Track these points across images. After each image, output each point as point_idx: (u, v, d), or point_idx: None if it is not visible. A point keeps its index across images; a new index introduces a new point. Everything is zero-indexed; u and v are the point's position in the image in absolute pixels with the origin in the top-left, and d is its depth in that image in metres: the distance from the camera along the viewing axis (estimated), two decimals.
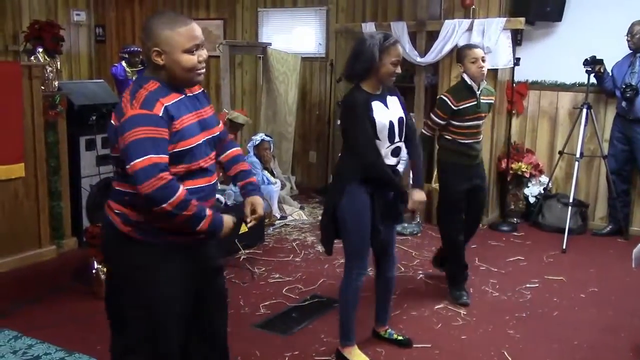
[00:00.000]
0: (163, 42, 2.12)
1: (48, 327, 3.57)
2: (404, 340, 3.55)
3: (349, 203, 3.12)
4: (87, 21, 8.58)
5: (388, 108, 3.16)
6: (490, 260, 5.03)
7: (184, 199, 2.10)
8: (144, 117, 2.07)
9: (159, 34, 2.13)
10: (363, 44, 3.09)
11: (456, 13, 5.91)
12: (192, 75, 2.19)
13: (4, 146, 4.41)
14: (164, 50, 2.13)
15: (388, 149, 3.14)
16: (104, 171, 5.24)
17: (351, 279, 3.24)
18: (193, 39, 2.15)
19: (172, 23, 2.14)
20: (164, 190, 2.06)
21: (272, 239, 5.49)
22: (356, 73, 3.13)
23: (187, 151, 2.17)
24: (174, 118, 2.12)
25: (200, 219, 2.15)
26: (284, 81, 7.01)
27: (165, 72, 2.17)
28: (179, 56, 2.13)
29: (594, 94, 5.80)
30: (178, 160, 2.16)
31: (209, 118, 2.32)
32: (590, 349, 3.55)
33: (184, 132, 2.16)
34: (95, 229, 4.10)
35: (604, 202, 5.94)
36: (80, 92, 5.35)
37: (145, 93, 2.12)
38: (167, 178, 2.07)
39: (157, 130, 2.07)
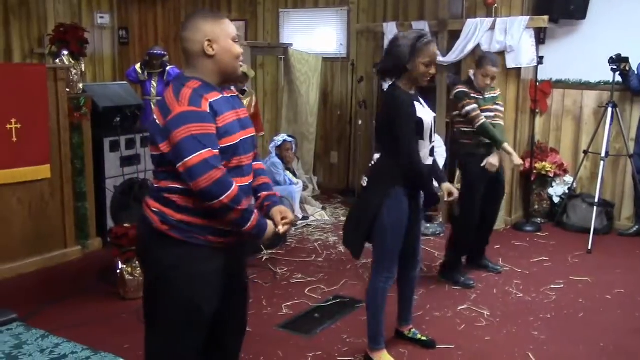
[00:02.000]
0: (212, 32, 2.20)
1: (74, 326, 3.63)
2: (428, 340, 3.53)
3: (393, 207, 3.08)
4: (110, 24, 8.67)
5: (424, 107, 3.16)
6: (514, 260, 4.98)
7: (238, 192, 2.15)
8: (192, 113, 2.11)
9: (208, 26, 2.21)
10: (395, 42, 3.07)
11: (478, 12, 5.87)
12: (237, 65, 2.27)
13: (31, 148, 4.48)
14: (215, 40, 2.20)
15: (427, 148, 3.15)
16: (128, 172, 5.30)
17: (380, 283, 3.21)
18: (234, 28, 2.27)
19: (216, 16, 2.26)
20: (221, 184, 2.11)
21: (294, 240, 5.50)
22: (387, 71, 3.12)
23: (229, 147, 2.20)
24: (217, 114, 2.16)
25: (249, 217, 2.19)
26: (305, 82, 7.01)
27: (213, 63, 2.22)
28: (230, 44, 2.22)
29: (619, 92, 5.72)
30: (223, 156, 2.19)
31: (246, 118, 2.36)
32: (616, 351, 3.50)
33: (228, 128, 2.19)
34: (119, 230, 4.15)
35: (630, 201, 5.85)
36: (104, 94, 5.41)
37: (190, 91, 2.15)
38: (224, 171, 2.12)
39: (207, 126, 2.12)
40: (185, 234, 2.21)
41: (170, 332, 2.31)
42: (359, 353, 3.41)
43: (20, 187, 4.49)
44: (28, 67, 6.07)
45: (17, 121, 4.37)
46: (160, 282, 2.29)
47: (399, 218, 3.11)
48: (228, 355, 2.57)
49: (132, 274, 4.09)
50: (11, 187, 4.44)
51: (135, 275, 4.10)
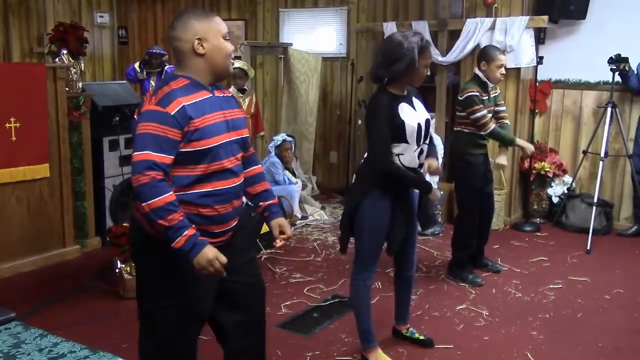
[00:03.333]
0: (204, 30, 2.20)
1: (73, 325, 3.63)
2: (426, 340, 3.53)
3: (370, 207, 3.09)
4: (110, 23, 8.66)
5: (416, 110, 3.11)
6: (513, 260, 4.98)
7: (163, 206, 2.07)
8: (154, 113, 2.11)
9: (198, 24, 2.21)
10: (400, 47, 2.99)
11: (478, 12, 5.87)
12: (228, 63, 2.27)
13: (30, 147, 4.48)
14: (206, 38, 2.20)
15: (415, 152, 3.10)
16: (127, 171, 5.29)
17: (359, 281, 3.24)
18: (224, 27, 2.27)
19: (205, 14, 2.26)
20: (148, 189, 2.07)
21: (293, 239, 5.50)
22: (391, 77, 3.04)
23: (207, 150, 2.17)
24: (192, 117, 2.13)
25: (173, 236, 2.09)
26: (304, 81, 7.01)
27: (204, 61, 2.22)
28: (220, 42, 2.23)
29: (618, 92, 5.72)
30: (197, 159, 2.16)
31: (238, 120, 2.33)
32: (615, 352, 3.50)
33: (205, 131, 2.16)
34: (118, 229, 4.14)
35: (629, 202, 5.85)
36: (103, 93, 5.41)
37: (168, 90, 2.15)
38: (154, 178, 2.07)
39: (163, 129, 2.09)
40: None
41: (163, 334, 2.32)
42: (358, 353, 3.41)
43: (19, 186, 4.49)
44: (27, 66, 6.07)
45: (16, 120, 4.37)
46: (150, 283, 2.31)
47: (377, 219, 3.10)
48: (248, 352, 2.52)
49: (130, 273, 4.09)
50: (10, 186, 4.44)
51: (133, 275, 4.10)
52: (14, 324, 2.53)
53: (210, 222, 2.25)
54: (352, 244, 3.28)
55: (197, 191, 2.20)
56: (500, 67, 4.30)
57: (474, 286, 4.41)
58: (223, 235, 2.30)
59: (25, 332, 2.45)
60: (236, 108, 2.36)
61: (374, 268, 3.26)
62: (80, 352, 2.26)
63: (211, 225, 2.25)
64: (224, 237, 2.31)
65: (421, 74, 3.06)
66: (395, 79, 3.05)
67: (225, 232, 2.31)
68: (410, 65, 2.98)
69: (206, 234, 2.21)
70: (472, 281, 4.45)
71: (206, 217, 2.23)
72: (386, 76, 3.05)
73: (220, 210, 2.25)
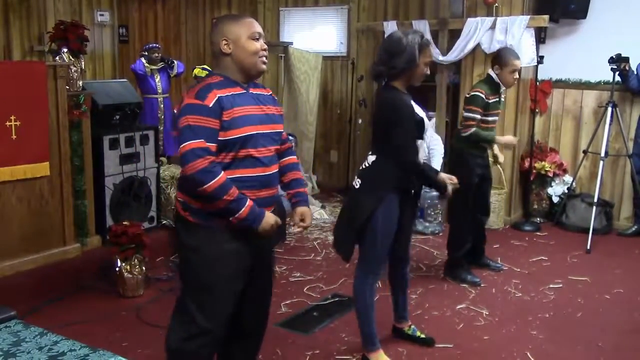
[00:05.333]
0: (230, 32, 2.39)
1: (73, 324, 3.64)
2: (427, 339, 3.53)
3: (385, 212, 3.06)
4: (110, 22, 8.67)
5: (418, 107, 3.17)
6: (513, 260, 4.98)
7: (223, 183, 2.28)
8: (193, 106, 2.30)
9: (226, 27, 2.41)
10: (399, 42, 2.99)
11: (479, 11, 5.87)
12: (257, 60, 2.41)
13: (30, 145, 4.48)
14: (231, 39, 2.39)
15: (423, 148, 3.18)
16: (127, 170, 5.30)
17: (367, 284, 3.21)
18: (255, 27, 2.42)
19: (236, 18, 2.46)
20: (205, 174, 2.27)
21: (293, 238, 5.50)
22: (391, 73, 3.03)
23: (237, 140, 2.33)
24: (225, 108, 2.31)
25: (239, 206, 2.32)
26: (305, 80, 7.01)
27: (231, 60, 2.40)
28: (244, 41, 2.39)
29: (619, 92, 5.72)
30: (228, 148, 2.34)
31: (274, 115, 2.50)
32: (615, 351, 3.50)
33: (236, 122, 2.33)
34: (118, 228, 4.15)
35: (629, 201, 5.86)
36: (104, 91, 5.40)
37: (205, 84, 2.36)
38: (210, 162, 2.27)
39: (205, 119, 2.28)
40: (204, 219, 2.39)
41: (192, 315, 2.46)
42: (358, 352, 3.41)
43: (19, 184, 4.49)
44: (28, 64, 6.07)
45: (16, 118, 4.37)
46: (184, 263, 2.52)
47: (390, 223, 3.11)
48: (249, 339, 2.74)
49: (130, 272, 4.09)
50: (10, 184, 4.44)
51: (134, 273, 4.10)
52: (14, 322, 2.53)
53: None
54: None
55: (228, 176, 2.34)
56: (513, 72, 4.29)
57: (473, 286, 4.41)
58: None
59: (25, 330, 2.45)
60: (273, 105, 2.53)
61: (381, 270, 3.25)
62: (80, 351, 2.26)
63: None
64: None
65: (421, 71, 3.05)
66: (395, 76, 3.04)
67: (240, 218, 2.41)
68: (410, 61, 2.98)
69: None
70: (471, 281, 4.45)
71: None
72: (386, 72, 3.04)
73: (247, 194, 2.37)
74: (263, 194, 2.44)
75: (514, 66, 4.28)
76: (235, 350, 2.73)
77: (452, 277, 4.51)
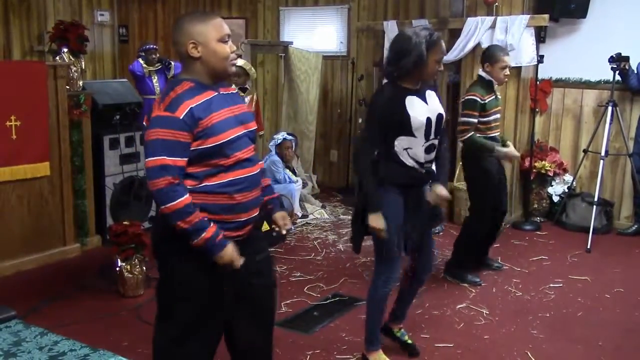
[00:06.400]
0: (198, 34, 2.23)
1: (73, 323, 3.64)
2: (412, 345, 3.42)
3: (386, 206, 3.02)
4: (110, 21, 8.67)
5: (427, 104, 3.05)
6: (514, 259, 4.98)
7: (182, 208, 2.16)
8: (164, 119, 2.17)
9: (192, 28, 2.24)
10: (408, 41, 2.95)
11: (479, 10, 5.87)
12: (227, 65, 2.28)
13: (30, 145, 4.48)
14: (200, 42, 2.23)
15: (423, 146, 3.03)
16: (128, 170, 5.30)
17: (379, 285, 3.15)
18: (224, 29, 2.27)
19: (203, 18, 2.27)
20: (165, 193, 2.16)
21: (294, 238, 5.50)
22: (400, 73, 2.99)
23: (219, 146, 2.23)
24: (200, 118, 2.19)
25: (194, 236, 2.20)
26: (305, 80, 7.01)
27: (201, 64, 2.26)
28: (215, 45, 2.24)
29: (619, 91, 5.72)
30: (211, 155, 2.23)
31: (245, 114, 2.40)
32: (615, 350, 3.50)
33: (215, 128, 2.22)
34: (118, 227, 4.15)
35: (630, 201, 5.85)
36: (104, 91, 5.41)
37: (174, 95, 2.20)
38: (171, 182, 2.16)
39: (174, 134, 2.16)
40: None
41: (178, 328, 2.36)
42: (358, 351, 3.41)
43: (19, 184, 4.49)
44: (28, 64, 6.07)
45: (16, 118, 4.37)
46: (169, 276, 2.37)
47: (392, 219, 3.02)
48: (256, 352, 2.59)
49: (131, 271, 4.10)
50: (10, 184, 4.44)
51: (134, 273, 4.10)
52: (14, 322, 2.54)
53: (233, 212, 2.30)
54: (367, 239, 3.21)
55: (217, 182, 2.26)
56: (504, 68, 4.24)
57: (473, 285, 4.41)
58: (242, 228, 2.36)
59: (25, 330, 2.45)
60: (241, 103, 2.42)
61: (394, 271, 3.13)
62: (81, 351, 2.26)
63: (231, 215, 2.31)
64: (243, 231, 2.36)
65: (432, 68, 2.99)
66: (404, 75, 3.00)
67: (247, 222, 2.37)
68: (418, 60, 2.93)
69: (230, 224, 2.30)
70: (471, 281, 4.44)
71: (227, 206, 2.28)
72: (395, 72, 3.01)
73: (239, 199, 2.30)
74: (253, 195, 2.36)
75: (504, 62, 4.23)
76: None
77: (452, 276, 4.51)
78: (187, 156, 2.19)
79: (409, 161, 3.02)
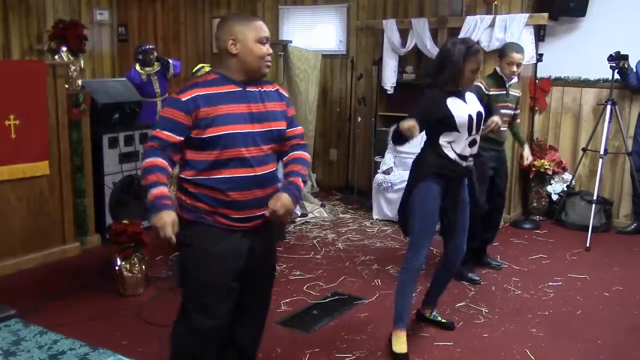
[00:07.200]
0: (238, 32, 2.40)
1: (73, 323, 3.64)
2: (448, 323, 3.72)
3: (422, 194, 3.30)
4: (109, 20, 8.66)
5: (467, 103, 3.33)
6: (513, 258, 4.99)
7: (147, 167, 2.35)
8: (171, 100, 2.41)
9: (235, 27, 2.41)
10: (448, 53, 3.28)
11: (478, 9, 5.87)
12: (261, 64, 2.44)
13: (29, 144, 4.48)
14: (239, 40, 2.39)
15: (467, 140, 3.30)
16: (127, 169, 5.30)
17: (405, 266, 3.39)
18: (263, 31, 2.44)
19: (246, 18, 2.46)
20: (145, 153, 2.40)
21: (293, 237, 5.51)
22: (441, 81, 3.31)
23: (218, 137, 2.34)
24: (200, 106, 2.34)
25: (146, 193, 2.36)
26: (304, 79, 7.00)
27: (237, 61, 2.41)
28: (252, 44, 2.40)
29: (618, 90, 5.72)
30: (211, 146, 2.35)
31: (268, 112, 2.47)
32: (614, 349, 3.51)
33: (216, 120, 2.34)
34: (118, 226, 4.15)
35: (629, 199, 5.86)
36: (103, 90, 5.40)
37: (191, 82, 2.42)
38: (152, 146, 2.37)
39: (173, 112, 2.36)
40: (196, 215, 2.43)
41: (190, 310, 2.50)
42: (358, 350, 3.42)
43: (19, 183, 4.49)
44: (27, 63, 6.07)
45: (15, 117, 4.37)
46: (180, 261, 2.55)
47: (426, 208, 3.30)
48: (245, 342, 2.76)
49: (130, 270, 4.10)
50: (10, 183, 4.44)
51: (133, 272, 4.10)
52: (13, 321, 2.53)
53: (227, 207, 2.41)
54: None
55: (213, 177, 2.38)
56: (510, 64, 4.39)
57: (472, 284, 4.41)
58: (246, 222, 2.46)
59: (25, 329, 2.45)
60: (274, 102, 2.52)
61: (419, 257, 3.35)
62: (80, 349, 2.26)
63: (228, 210, 2.42)
64: (248, 224, 2.47)
65: (468, 78, 3.31)
66: (444, 83, 3.32)
67: (246, 219, 2.46)
68: (456, 72, 3.26)
69: (226, 217, 2.42)
70: (471, 279, 4.45)
71: (223, 202, 2.40)
72: (437, 79, 3.34)
73: (234, 197, 2.40)
74: (259, 194, 2.44)
75: (511, 58, 4.39)
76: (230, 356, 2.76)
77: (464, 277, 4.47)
78: (180, 135, 2.36)
79: (452, 154, 3.29)
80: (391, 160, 6.17)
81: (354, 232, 5.67)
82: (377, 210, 6.11)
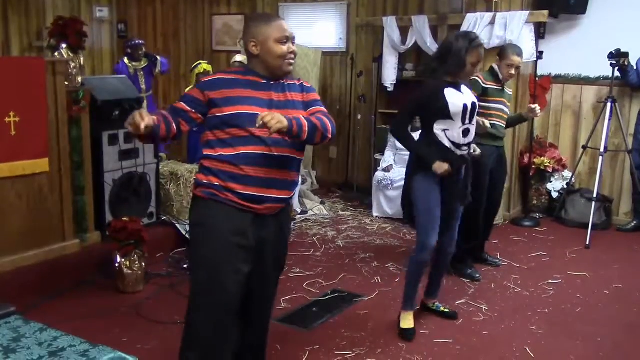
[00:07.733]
0: (259, 34, 2.48)
1: (73, 320, 3.64)
2: (450, 312, 3.83)
3: (421, 181, 3.45)
4: (109, 17, 8.65)
5: (462, 93, 3.46)
6: (513, 255, 4.99)
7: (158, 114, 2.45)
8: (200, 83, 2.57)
9: (255, 28, 2.49)
10: (450, 48, 3.43)
11: (478, 6, 5.86)
12: (282, 63, 2.50)
13: (29, 141, 4.47)
14: (259, 41, 2.48)
15: (460, 129, 3.41)
16: (127, 166, 5.29)
17: (414, 252, 3.56)
18: (283, 31, 2.49)
19: (266, 19, 2.53)
20: None
21: (293, 234, 5.50)
22: (443, 71, 3.45)
23: (238, 115, 2.41)
24: (214, 88, 2.46)
25: None
26: (304, 76, 6.98)
27: (258, 61, 2.51)
28: (272, 45, 2.47)
29: (618, 87, 5.72)
30: (229, 123, 2.43)
31: (288, 102, 2.53)
32: (614, 346, 3.51)
33: (235, 100, 2.43)
34: (118, 223, 4.15)
35: (629, 197, 5.86)
36: (103, 87, 5.38)
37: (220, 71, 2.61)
38: (165, 108, 2.56)
39: (192, 90, 2.56)
40: (209, 192, 2.47)
41: (198, 291, 2.54)
42: (357, 347, 3.42)
43: (18, 180, 4.47)
44: (26, 60, 6.05)
45: (15, 114, 4.36)
46: (191, 240, 2.60)
47: (427, 194, 3.44)
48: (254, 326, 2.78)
49: (130, 267, 4.10)
50: (9, 180, 4.43)
51: (133, 269, 4.11)
52: (13, 318, 2.54)
53: (238, 182, 2.44)
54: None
55: (230, 153, 2.43)
56: (509, 66, 4.38)
57: (472, 281, 4.42)
58: (255, 202, 2.47)
59: (25, 326, 2.46)
60: (295, 92, 2.59)
61: (428, 242, 3.46)
62: (80, 346, 2.26)
63: (238, 185, 2.44)
64: (258, 206, 2.49)
65: (469, 71, 3.46)
66: (446, 73, 3.47)
67: (257, 199, 2.47)
68: (458, 64, 3.41)
69: (235, 193, 2.45)
70: (471, 276, 4.46)
71: (235, 176, 2.43)
72: (439, 69, 3.49)
73: (248, 171, 2.43)
74: (275, 175, 2.47)
75: (511, 61, 4.38)
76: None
77: (454, 270, 4.50)
78: (192, 108, 2.48)
79: (446, 142, 3.41)
80: (391, 158, 6.17)
81: (353, 230, 5.67)
82: (377, 208, 6.11)
